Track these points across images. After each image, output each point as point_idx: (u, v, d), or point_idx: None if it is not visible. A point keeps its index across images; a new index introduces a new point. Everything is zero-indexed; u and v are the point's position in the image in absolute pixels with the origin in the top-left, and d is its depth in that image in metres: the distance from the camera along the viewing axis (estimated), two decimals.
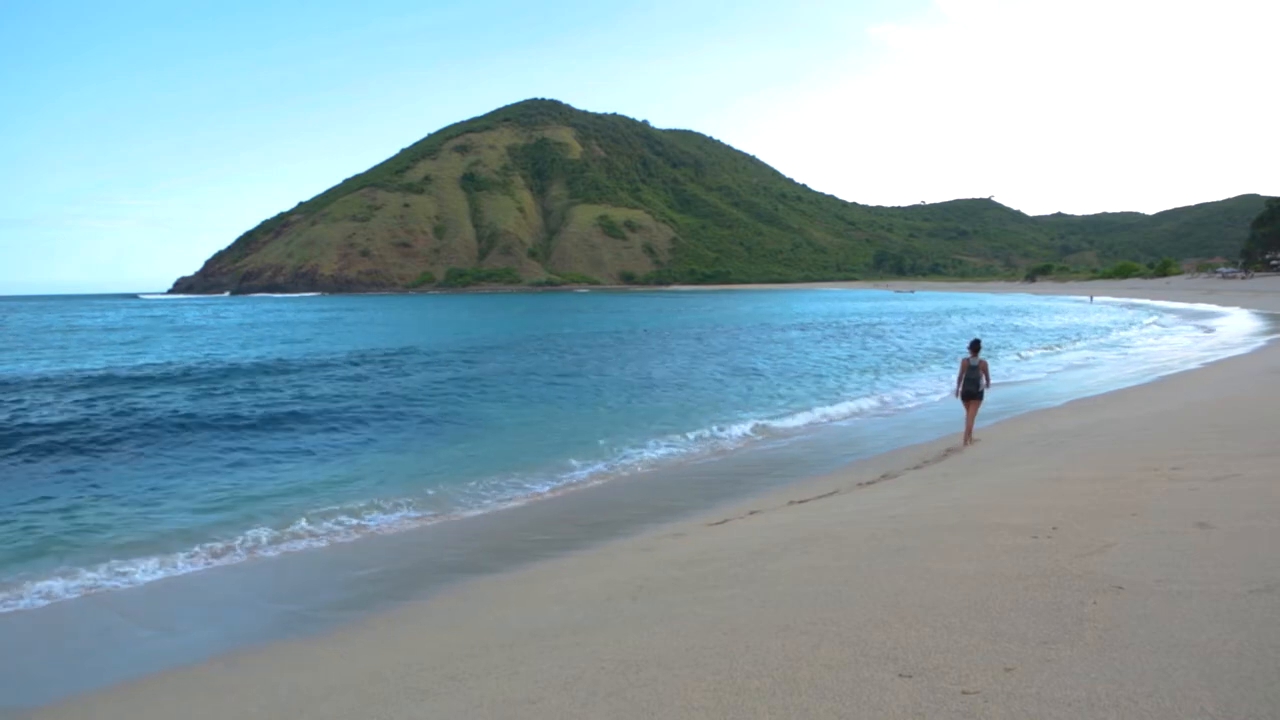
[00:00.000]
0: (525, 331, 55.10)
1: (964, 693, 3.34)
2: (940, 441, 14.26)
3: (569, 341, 44.06)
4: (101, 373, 28.68)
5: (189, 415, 18.91)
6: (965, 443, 13.43)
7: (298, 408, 20.07)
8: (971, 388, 13.42)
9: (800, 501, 10.00)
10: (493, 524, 10.74)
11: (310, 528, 10.49)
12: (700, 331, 52.20)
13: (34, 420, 17.98)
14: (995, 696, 3.28)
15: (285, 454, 14.97)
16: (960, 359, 13.99)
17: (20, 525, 10.65)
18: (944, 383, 24.11)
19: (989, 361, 14.33)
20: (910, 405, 20.40)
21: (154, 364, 32.62)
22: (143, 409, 19.84)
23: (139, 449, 15.21)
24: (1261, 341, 31.05)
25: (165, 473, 13.47)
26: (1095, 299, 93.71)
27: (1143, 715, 3.01)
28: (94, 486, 12.61)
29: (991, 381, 13.92)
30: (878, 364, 30.18)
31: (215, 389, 23.78)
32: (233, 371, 28.99)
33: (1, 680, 6.56)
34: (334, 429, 17.36)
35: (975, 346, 13.65)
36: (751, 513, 9.66)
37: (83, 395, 22.37)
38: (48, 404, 20.75)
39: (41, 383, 25.43)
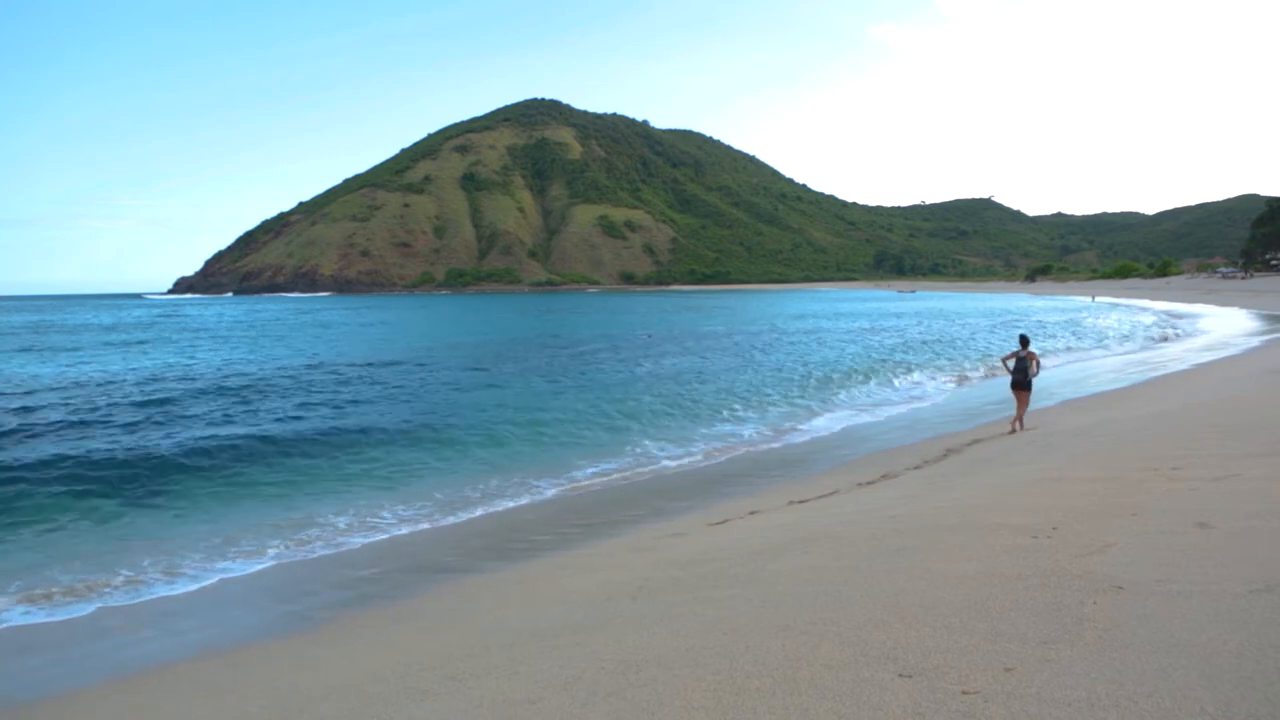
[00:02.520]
0: (541, 334, 55.06)
1: (964, 693, 3.35)
2: (940, 441, 14.27)
3: (591, 344, 44.01)
4: (107, 377, 28.69)
5: (195, 417, 18.93)
6: (1013, 428, 14.22)
7: (304, 410, 20.09)
8: (1020, 377, 14.34)
9: (800, 501, 10.00)
10: (494, 524, 10.75)
11: (310, 529, 10.49)
12: (733, 337, 52.08)
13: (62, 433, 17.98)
14: (995, 696, 3.28)
15: (285, 456, 14.96)
16: (1010, 350, 15.09)
17: (25, 528, 10.66)
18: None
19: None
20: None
21: (164, 368, 32.65)
22: (150, 410, 19.85)
23: (141, 450, 15.21)
24: (1256, 341, 31.04)
25: (167, 474, 13.46)
26: (1097, 298, 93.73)
27: (1143, 715, 3.01)
28: (93, 487, 12.61)
29: (1040, 370, 14.91)
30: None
31: (232, 398, 23.78)
32: (243, 375, 29.01)
33: (4, 677, 6.56)
34: (336, 430, 17.34)
35: (1025, 341, 14.76)
36: (751, 513, 9.66)
37: (86, 400, 22.38)
38: (52, 406, 20.77)
39: (52, 390, 25.46)
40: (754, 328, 55.88)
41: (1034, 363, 14.41)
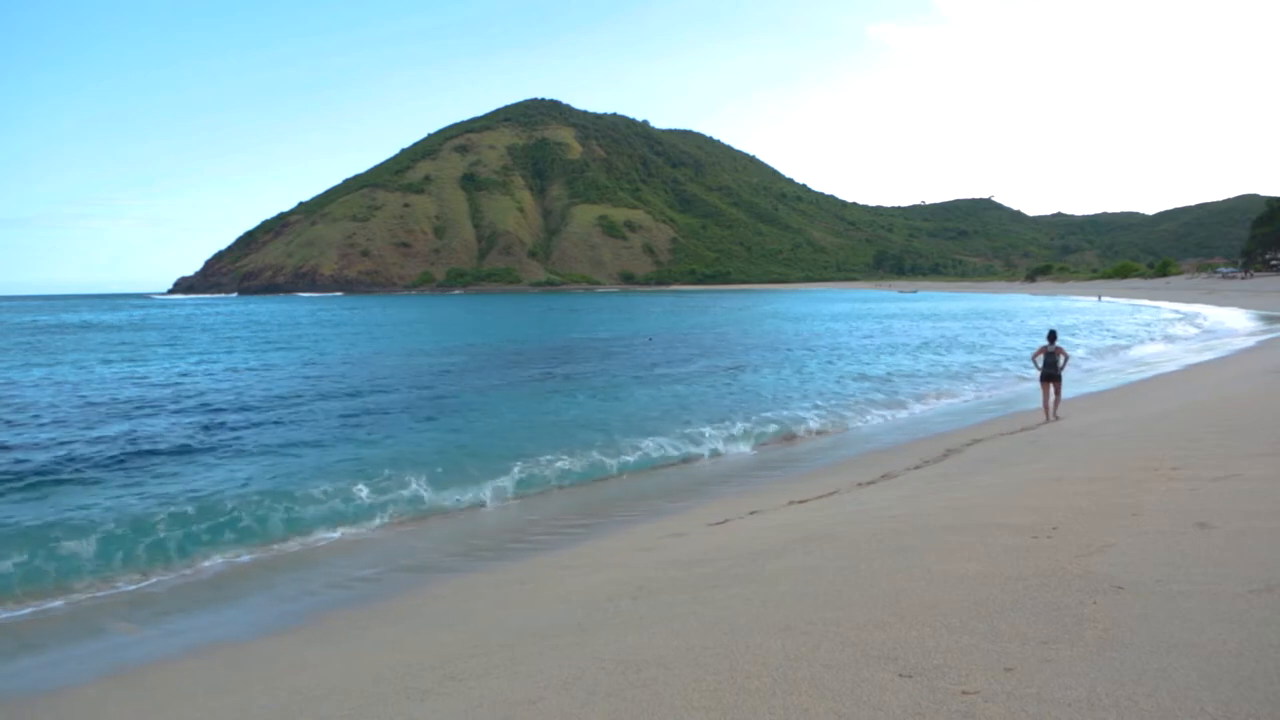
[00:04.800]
0: (552, 336, 55.04)
1: (964, 693, 3.34)
2: (940, 441, 14.26)
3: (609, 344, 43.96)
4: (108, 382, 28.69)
5: (208, 419, 18.92)
6: (1048, 419, 15.00)
7: (314, 412, 20.09)
8: (1050, 370, 15.18)
9: (800, 501, 9.99)
10: (494, 523, 10.74)
11: (309, 528, 10.49)
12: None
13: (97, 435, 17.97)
14: (995, 696, 3.28)
15: (284, 457, 14.96)
16: (1039, 346, 15.72)
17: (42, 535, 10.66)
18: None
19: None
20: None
21: (167, 371, 32.66)
22: (145, 410, 19.84)
23: (139, 457, 15.22)
24: (1255, 341, 31.04)
25: (166, 476, 13.46)
26: (1103, 298, 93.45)
27: (1143, 715, 3.01)
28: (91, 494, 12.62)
29: (1070, 359, 15.85)
30: None
31: (248, 401, 23.79)
32: (259, 379, 28.99)
33: (5, 676, 6.56)
34: (338, 429, 17.34)
35: (1052, 336, 15.63)
36: (751, 513, 9.65)
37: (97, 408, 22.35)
38: (68, 406, 20.76)
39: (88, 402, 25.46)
40: (761, 329, 55.84)
41: (1062, 356, 15.24)
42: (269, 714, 5.02)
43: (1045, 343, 15.55)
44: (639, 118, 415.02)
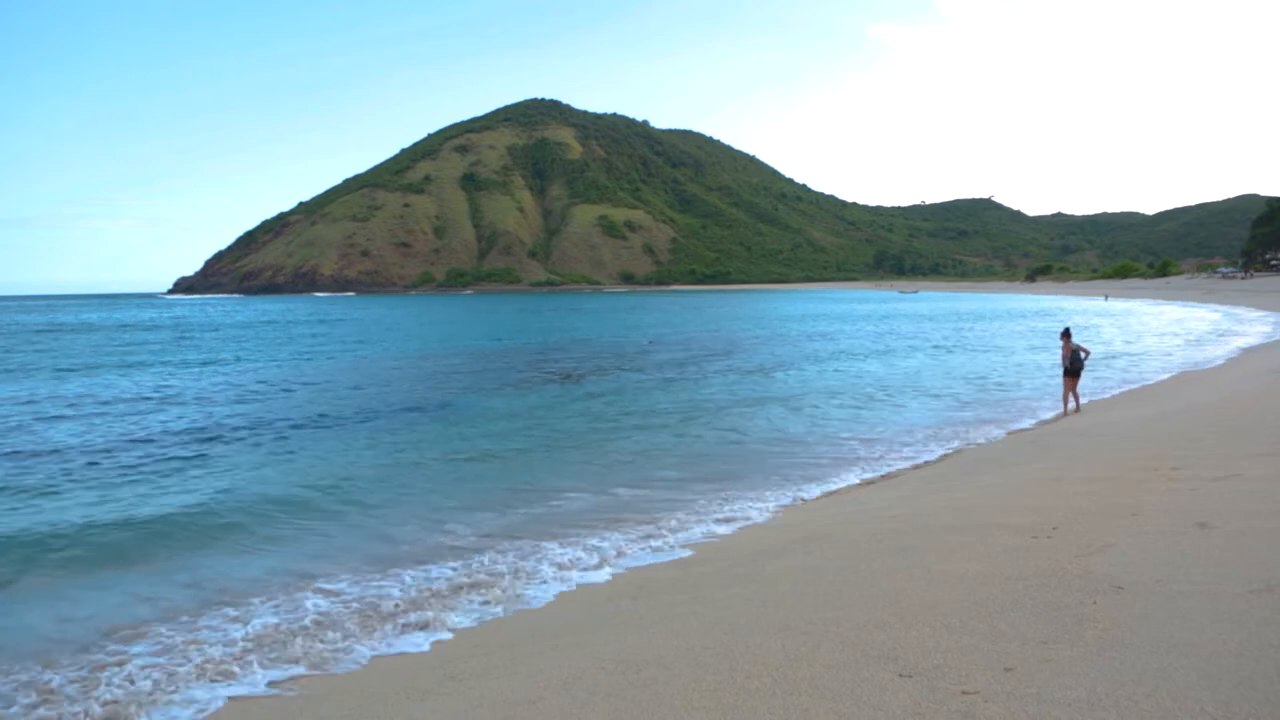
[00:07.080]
0: (564, 338, 54.98)
1: (964, 693, 3.34)
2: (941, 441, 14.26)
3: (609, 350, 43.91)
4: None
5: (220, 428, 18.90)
6: (1065, 412, 15.78)
7: (330, 413, 20.07)
8: (1074, 366, 15.89)
9: (800, 502, 9.99)
10: (495, 524, 10.71)
11: (312, 528, 10.47)
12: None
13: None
14: (995, 696, 3.28)
15: (292, 457, 14.96)
16: (1060, 345, 16.51)
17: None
18: None
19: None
20: None
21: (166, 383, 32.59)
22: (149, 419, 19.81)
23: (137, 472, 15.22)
24: (1253, 341, 31.03)
25: (174, 481, 13.47)
26: (1109, 298, 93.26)
27: (1143, 715, 3.01)
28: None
29: (1090, 355, 16.63)
30: None
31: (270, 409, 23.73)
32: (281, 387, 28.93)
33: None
34: (337, 429, 17.34)
35: (1068, 334, 16.36)
36: None
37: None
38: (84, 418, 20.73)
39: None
40: (767, 332, 55.79)
41: (1083, 352, 15.99)
42: (270, 714, 5.02)
43: (1063, 341, 16.18)
44: (639, 118, 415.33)
